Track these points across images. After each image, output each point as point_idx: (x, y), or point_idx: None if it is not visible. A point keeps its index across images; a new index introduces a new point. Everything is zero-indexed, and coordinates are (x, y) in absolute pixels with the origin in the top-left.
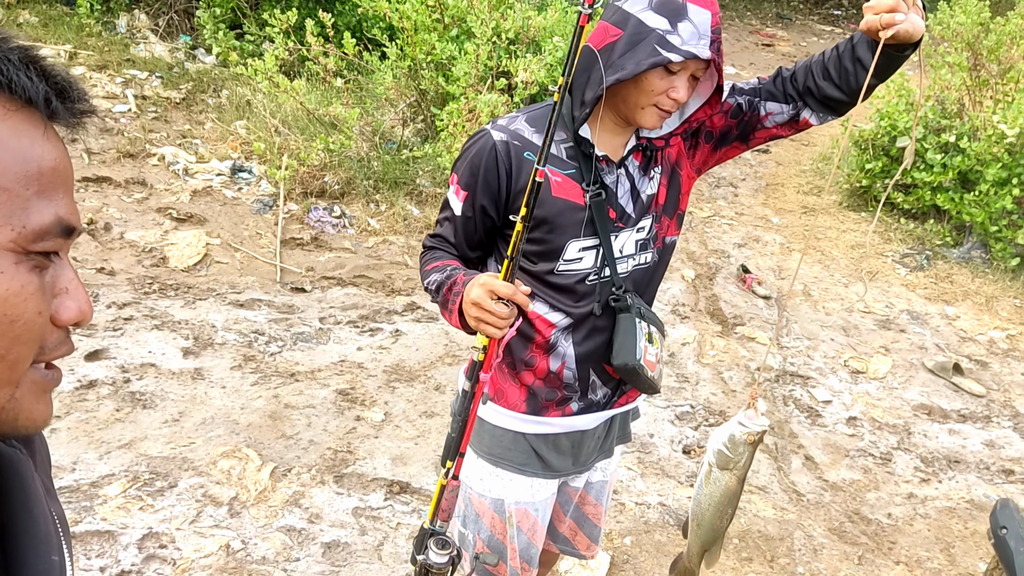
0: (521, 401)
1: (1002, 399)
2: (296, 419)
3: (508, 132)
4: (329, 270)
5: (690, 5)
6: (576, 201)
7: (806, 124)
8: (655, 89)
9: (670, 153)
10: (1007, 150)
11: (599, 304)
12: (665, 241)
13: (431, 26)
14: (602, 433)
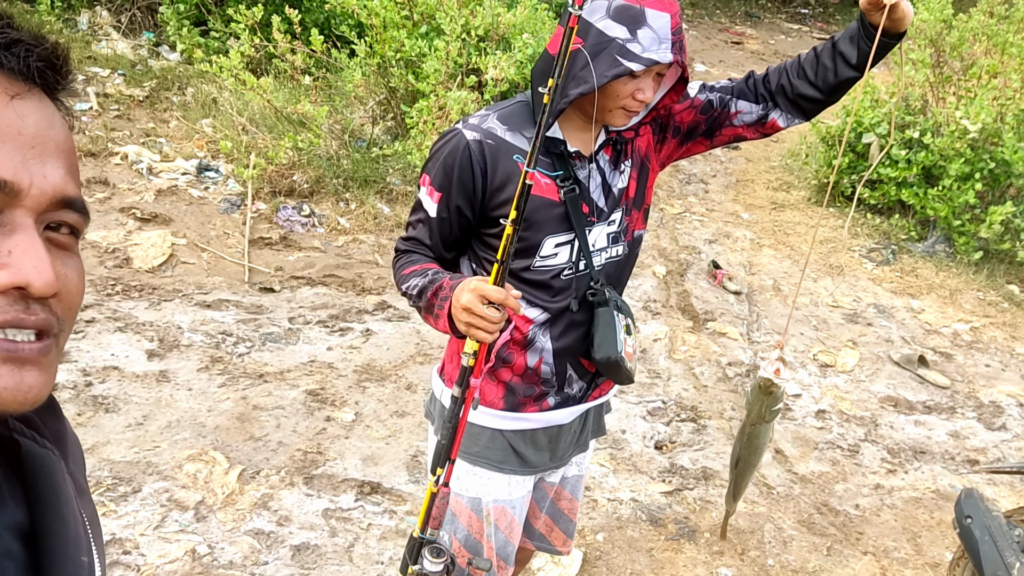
0: (499, 398)
1: (966, 390)
2: (265, 420)
3: (481, 131)
4: (298, 269)
5: (648, 10)
6: (551, 197)
7: (773, 126)
8: (620, 94)
9: (639, 145)
10: (969, 145)
11: (575, 299)
12: (634, 234)
13: (400, 23)
14: (578, 427)
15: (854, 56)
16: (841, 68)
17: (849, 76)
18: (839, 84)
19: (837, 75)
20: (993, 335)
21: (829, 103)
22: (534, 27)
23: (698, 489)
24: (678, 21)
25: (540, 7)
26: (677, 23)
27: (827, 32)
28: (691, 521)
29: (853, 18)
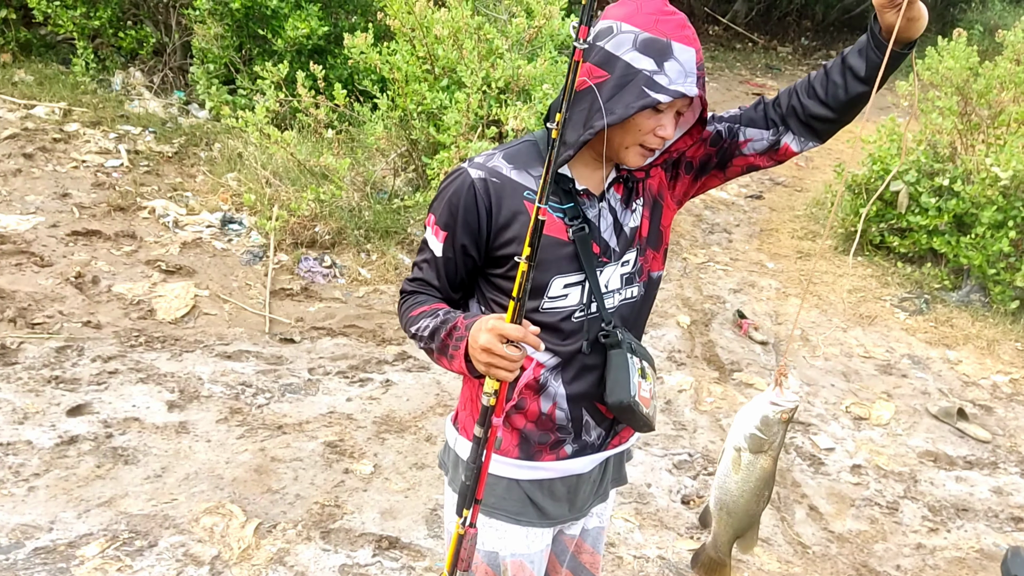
0: (513, 446)
1: (1008, 444)
2: (283, 473)
3: (486, 169)
4: (319, 320)
5: (675, 44)
6: (559, 236)
7: (786, 152)
8: (642, 128)
9: (651, 184)
10: (1001, 193)
11: (587, 341)
12: (651, 275)
13: (422, 77)
14: (597, 476)
15: (863, 69)
16: (851, 83)
17: (860, 91)
18: (850, 101)
19: (848, 91)
20: None
21: (842, 123)
22: (554, 78)
23: None
24: (701, 58)
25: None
26: (700, 59)
27: None
28: None
29: None
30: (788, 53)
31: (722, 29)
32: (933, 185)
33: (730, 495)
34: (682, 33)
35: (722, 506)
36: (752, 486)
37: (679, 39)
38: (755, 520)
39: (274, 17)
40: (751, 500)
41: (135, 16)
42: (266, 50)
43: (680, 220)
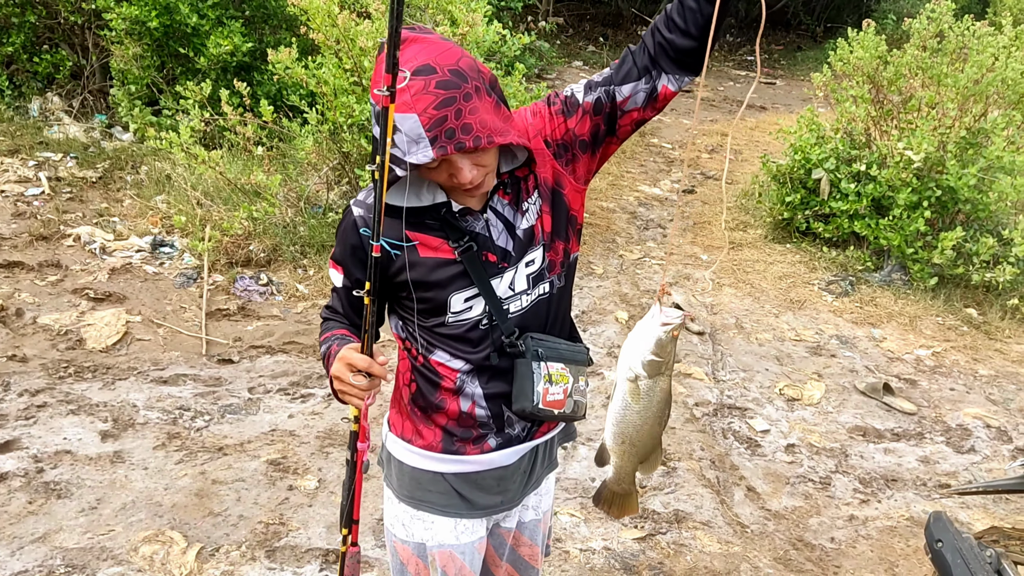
0: (437, 441)
1: (933, 415)
2: (225, 495)
3: (365, 206)
4: (258, 339)
5: (397, 116)
6: (445, 256)
7: (665, 95)
8: (440, 180)
9: (545, 177)
10: (915, 175)
11: (493, 351)
12: (562, 265)
13: (350, 89)
14: (527, 466)
15: None
16: (706, 6)
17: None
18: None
19: (702, 12)
20: (955, 359)
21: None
22: None
23: (671, 533)
24: (433, 114)
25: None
26: (431, 116)
27: (773, 77)
28: (666, 566)
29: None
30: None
31: None
32: (851, 171)
33: (632, 425)
34: (400, 100)
35: (624, 439)
36: (655, 410)
37: (397, 108)
38: (658, 442)
39: (195, 35)
40: (654, 424)
41: (50, 40)
42: (189, 69)
43: (615, 218)
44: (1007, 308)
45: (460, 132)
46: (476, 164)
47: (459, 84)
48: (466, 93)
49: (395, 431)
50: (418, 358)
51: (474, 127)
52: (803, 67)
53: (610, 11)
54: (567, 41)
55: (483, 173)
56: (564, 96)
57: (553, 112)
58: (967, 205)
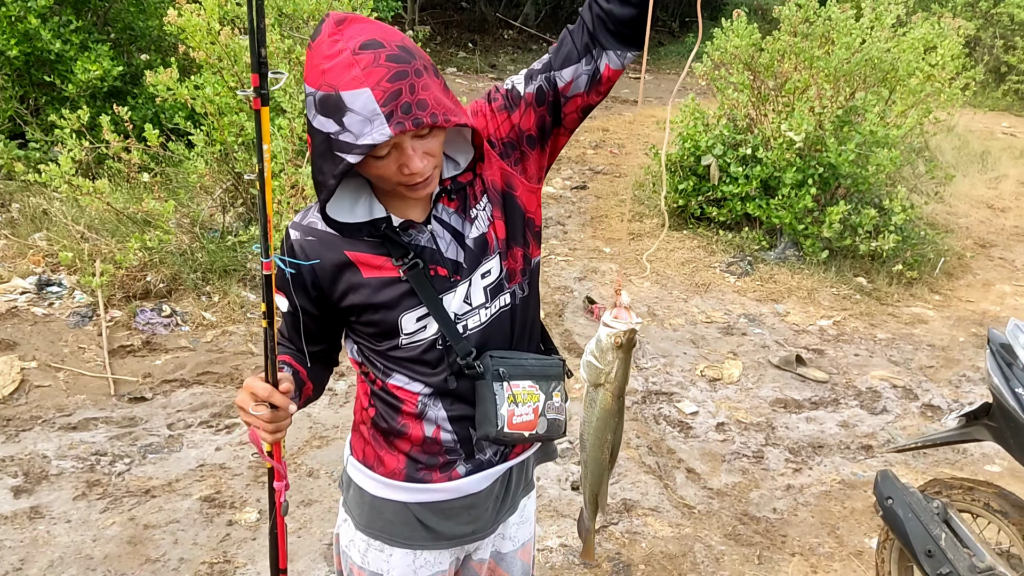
0: (400, 469)
1: (844, 381)
2: (160, 539)
3: (302, 228)
4: (169, 372)
5: (344, 94)
6: (392, 275)
7: (609, 74)
8: (385, 175)
9: (493, 180)
10: (798, 154)
11: (450, 374)
12: (527, 269)
13: (237, 107)
14: (500, 491)
15: None
16: None
17: None
18: None
19: None
20: (855, 326)
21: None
22: None
23: (623, 522)
24: (387, 87)
25: None
26: (386, 90)
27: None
28: (624, 556)
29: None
30: None
31: (516, 33)
32: (738, 155)
33: (583, 437)
34: (348, 76)
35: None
36: (595, 426)
37: (346, 85)
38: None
39: (59, 61)
40: (595, 444)
41: None
42: (55, 97)
43: None
44: (893, 274)
45: (416, 108)
46: (426, 153)
47: (409, 59)
48: (416, 69)
49: (356, 455)
50: (376, 382)
51: (429, 103)
52: (667, 60)
53: (475, 17)
54: (437, 49)
55: (432, 165)
56: (505, 90)
57: (495, 109)
58: (848, 180)
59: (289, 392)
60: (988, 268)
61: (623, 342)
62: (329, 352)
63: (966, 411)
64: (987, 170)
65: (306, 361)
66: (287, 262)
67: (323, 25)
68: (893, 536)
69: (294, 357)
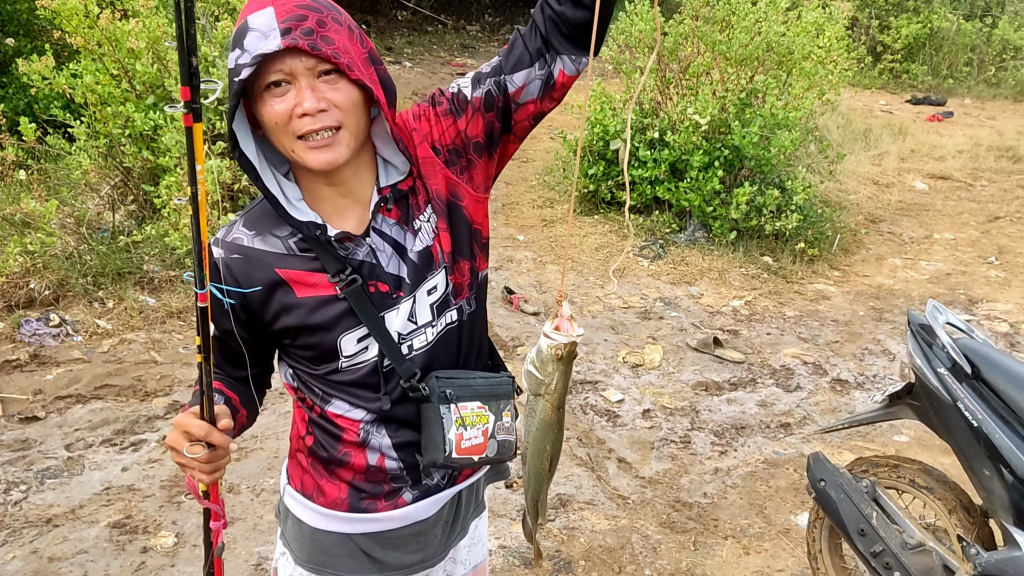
0: (342, 499)
1: (759, 360)
2: (67, 572)
3: (225, 246)
4: (63, 388)
5: (248, 18)
6: (328, 294)
7: (564, 80)
8: (279, 120)
9: (438, 189)
10: (704, 137)
11: (389, 398)
12: (475, 283)
13: (122, 97)
14: (449, 516)
15: None
16: None
17: None
18: None
19: None
20: (764, 305)
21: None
22: None
23: (559, 518)
24: (292, 10)
25: None
26: (289, 11)
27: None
28: (563, 553)
29: None
30: (477, 31)
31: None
32: (646, 139)
33: (524, 446)
34: (257, 3)
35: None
36: (534, 436)
37: (252, 9)
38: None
39: None
40: (535, 454)
41: None
42: None
43: None
44: (796, 252)
45: (319, 38)
46: (324, 98)
47: (330, 8)
48: (335, 17)
49: (294, 484)
50: (314, 408)
51: (336, 43)
52: None
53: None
54: None
55: (332, 118)
56: (450, 93)
57: (439, 113)
58: (752, 162)
59: (228, 428)
60: (879, 243)
61: (564, 354)
62: (261, 376)
63: (890, 391)
64: (870, 147)
65: (237, 387)
66: (225, 291)
67: None
68: (824, 515)
69: (224, 383)
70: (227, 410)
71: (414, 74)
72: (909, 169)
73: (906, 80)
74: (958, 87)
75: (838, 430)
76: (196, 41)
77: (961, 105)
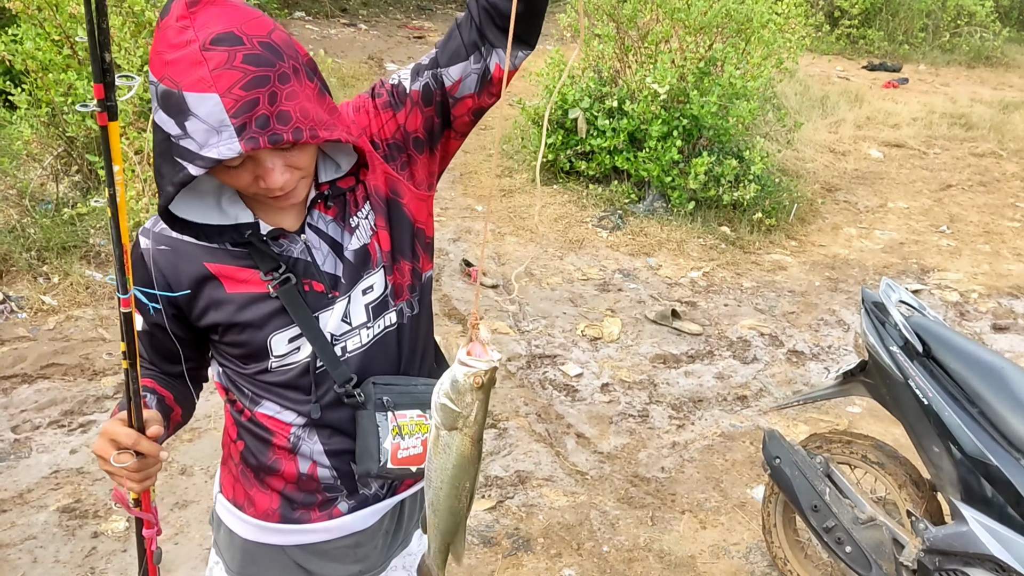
0: (273, 509)
1: (716, 332)
2: (17, 559)
3: (153, 236)
4: (7, 367)
5: (187, 95)
6: (259, 291)
7: (501, 76)
8: (239, 185)
9: (376, 186)
10: (663, 107)
11: (317, 404)
12: (417, 285)
13: (63, 64)
14: (390, 526)
15: None
16: None
17: None
18: None
19: None
20: (722, 276)
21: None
22: None
23: (518, 496)
24: (240, 95)
25: None
26: (238, 99)
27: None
28: (522, 531)
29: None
30: None
31: None
32: (605, 108)
33: (432, 485)
34: (195, 76)
35: (429, 501)
36: (450, 474)
37: (191, 85)
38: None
39: None
40: (451, 493)
41: None
42: None
43: None
44: (753, 222)
45: (275, 121)
46: (290, 166)
47: (273, 61)
48: (282, 73)
49: (225, 493)
50: (244, 412)
51: (293, 116)
52: None
53: None
54: None
55: (297, 177)
56: (390, 85)
57: (379, 106)
58: (710, 131)
59: (158, 435)
60: (835, 212)
61: (484, 382)
62: (196, 370)
63: (844, 370)
64: (827, 114)
65: (171, 383)
66: (151, 295)
67: (172, 3)
68: (779, 491)
69: (157, 380)
70: (157, 415)
71: (370, 37)
72: (865, 137)
73: (863, 46)
74: (913, 53)
75: (792, 406)
76: (109, 36)
77: (916, 71)
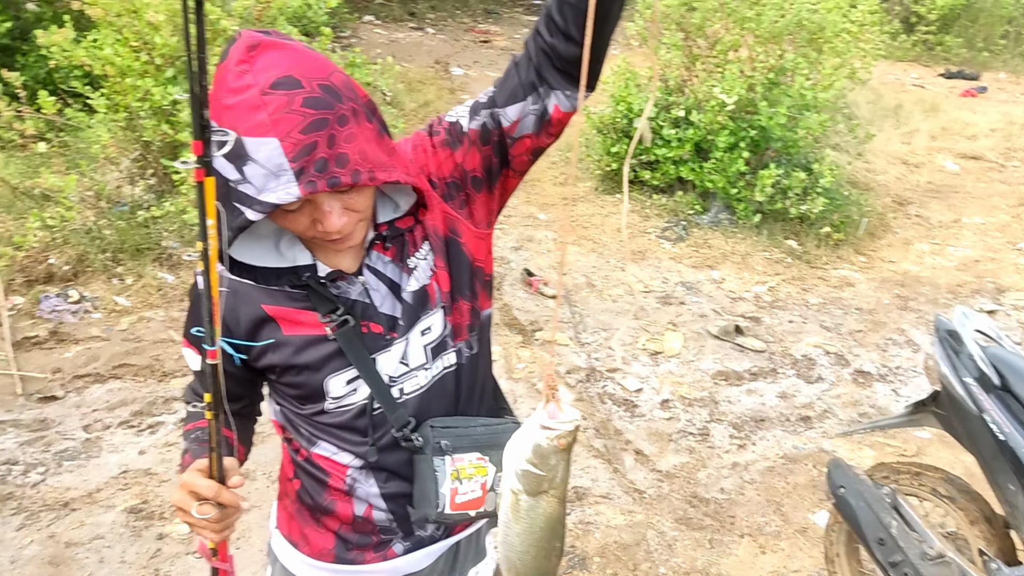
0: (328, 549)
1: (780, 349)
2: (84, 559)
3: None
4: (81, 366)
5: (247, 140)
6: (317, 333)
7: (560, 116)
8: (296, 230)
9: (435, 225)
10: (730, 117)
11: (375, 447)
12: (476, 324)
13: (141, 70)
14: (446, 568)
15: None
16: None
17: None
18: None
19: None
20: (788, 291)
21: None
22: None
23: (575, 512)
24: (299, 139)
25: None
26: (297, 142)
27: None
28: (578, 548)
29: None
30: None
31: None
32: (671, 117)
33: (515, 551)
34: (253, 121)
35: (510, 566)
36: (537, 537)
37: (250, 131)
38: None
39: None
40: (539, 555)
41: None
42: None
43: None
44: (820, 236)
45: (334, 164)
46: (348, 208)
47: (332, 104)
48: (341, 115)
49: (281, 529)
50: (300, 451)
51: (351, 158)
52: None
53: None
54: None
55: (355, 220)
56: (448, 123)
57: (436, 144)
58: (779, 143)
59: (240, 485)
60: (907, 227)
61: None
62: (251, 406)
63: (915, 400)
64: (900, 124)
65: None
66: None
67: (232, 48)
68: (843, 521)
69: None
70: (235, 463)
71: (437, 41)
72: (940, 148)
73: (940, 52)
74: (993, 60)
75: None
76: (207, 95)
77: (995, 80)
